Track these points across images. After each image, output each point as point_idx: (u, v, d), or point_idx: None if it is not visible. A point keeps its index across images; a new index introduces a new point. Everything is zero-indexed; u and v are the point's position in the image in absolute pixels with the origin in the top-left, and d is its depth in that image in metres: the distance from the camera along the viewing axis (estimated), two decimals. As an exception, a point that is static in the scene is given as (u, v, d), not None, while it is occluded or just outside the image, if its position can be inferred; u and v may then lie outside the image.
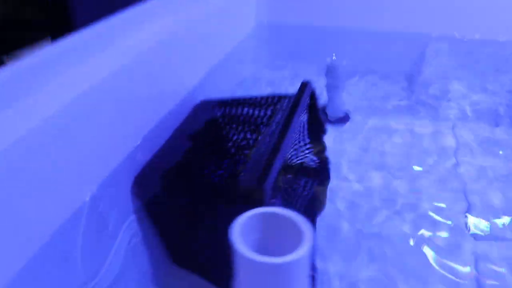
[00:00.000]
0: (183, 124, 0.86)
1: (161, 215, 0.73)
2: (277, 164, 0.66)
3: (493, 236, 0.81)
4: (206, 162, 0.73)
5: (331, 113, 1.16)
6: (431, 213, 0.87)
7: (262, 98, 0.91)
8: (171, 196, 0.70)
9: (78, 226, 0.60)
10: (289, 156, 0.89)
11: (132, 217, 0.71)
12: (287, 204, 0.85)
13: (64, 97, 0.59)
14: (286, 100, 0.88)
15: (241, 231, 0.47)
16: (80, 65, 0.65)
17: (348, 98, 1.19)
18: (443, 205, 0.89)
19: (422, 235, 0.82)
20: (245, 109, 0.88)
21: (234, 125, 0.84)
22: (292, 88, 1.29)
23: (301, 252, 0.44)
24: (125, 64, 0.70)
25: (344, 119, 1.17)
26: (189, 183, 0.69)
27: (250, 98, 0.92)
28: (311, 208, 0.88)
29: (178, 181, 0.70)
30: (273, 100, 0.89)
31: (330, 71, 1.08)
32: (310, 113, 0.92)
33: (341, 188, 0.95)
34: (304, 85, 0.87)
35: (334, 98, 1.13)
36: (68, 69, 0.63)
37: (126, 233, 0.70)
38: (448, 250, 0.78)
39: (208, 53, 1.05)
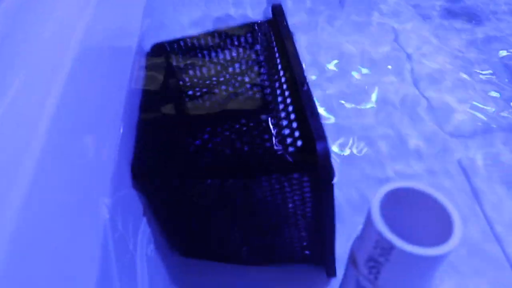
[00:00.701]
0: (149, 81, 0.67)
1: (173, 207, 0.58)
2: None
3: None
4: (203, 127, 0.59)
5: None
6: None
7: (226, 32, 0.75)
8: (184, 180, 0.55)
9: (111, 265, 0.43)
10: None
11: (143, 220, 0.55)
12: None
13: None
14: (256, 30, 0.74)
15: (380, 210, 0.37)
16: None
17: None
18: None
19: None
20: (214, 49, 0.72)
21: (208, 71, 0.68)
22: (235, 11, 1.12)
23: (455, 241, 0.36)
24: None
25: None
26: (207, 161, 0.54)
27: (212, 34, 0.75)
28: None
29: (188, 162, 0.55)
30: (242, 33, 0.74)
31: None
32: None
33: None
34: (279, 9, 0.73)
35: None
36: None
37: (143, 242, 0.54)
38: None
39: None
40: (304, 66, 0.61)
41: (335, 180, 0.50)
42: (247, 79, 0.64)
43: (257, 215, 0.58)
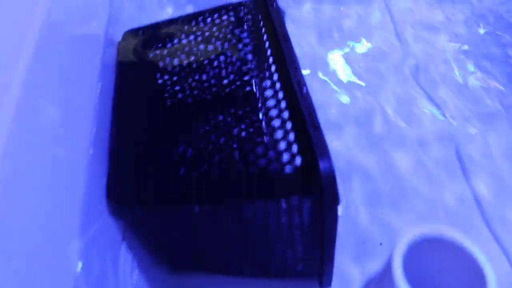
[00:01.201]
0: (121, 78, 0.59)
1: (156, 231, 0.52)
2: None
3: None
4: (186, 138, 0.51)
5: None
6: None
7: (206, 14, 0.67)
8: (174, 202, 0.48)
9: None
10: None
11: (124, 246, 0.49)
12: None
13: None
14: (242, 12, 0.66)
15: (403, 264, 0.32)
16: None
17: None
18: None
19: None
20: (195, 35, 0.64)
21: (189, 63, 0.60)
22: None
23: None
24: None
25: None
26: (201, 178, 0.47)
27: (192, 17, 0.66)
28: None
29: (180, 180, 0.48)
30: (225, 16, 0.66)
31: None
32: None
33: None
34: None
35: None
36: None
37: (126, 271, 0.48)
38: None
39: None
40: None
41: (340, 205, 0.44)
42: (232, 77, 0.57)
43: (249, 235, 0.53)
